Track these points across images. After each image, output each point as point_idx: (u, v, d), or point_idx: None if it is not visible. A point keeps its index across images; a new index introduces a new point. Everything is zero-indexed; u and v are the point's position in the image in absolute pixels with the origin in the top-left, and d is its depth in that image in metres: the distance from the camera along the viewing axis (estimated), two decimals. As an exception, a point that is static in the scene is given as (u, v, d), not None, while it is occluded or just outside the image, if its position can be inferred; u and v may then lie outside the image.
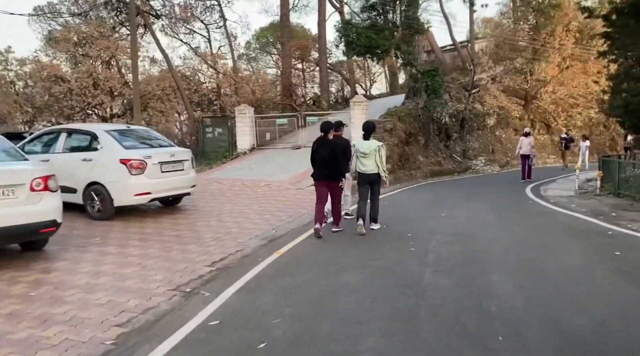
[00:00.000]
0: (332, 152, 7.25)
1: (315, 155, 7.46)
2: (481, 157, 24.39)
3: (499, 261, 5.71)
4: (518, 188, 14.25)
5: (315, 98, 26.81)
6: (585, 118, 30.43)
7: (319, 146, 7.44)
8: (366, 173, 7.45)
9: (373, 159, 7.36)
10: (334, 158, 7.26)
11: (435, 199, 11.75)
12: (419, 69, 20.30)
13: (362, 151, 7.43)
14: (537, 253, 6.04)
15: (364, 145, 7.45)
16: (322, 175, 7.42)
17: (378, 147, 7.39)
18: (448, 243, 6.64)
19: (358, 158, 7.50)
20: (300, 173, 13.72)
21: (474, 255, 6.01)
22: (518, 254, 6.00)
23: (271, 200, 10.64)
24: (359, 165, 7.51)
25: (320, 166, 7.41)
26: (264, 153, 17.32)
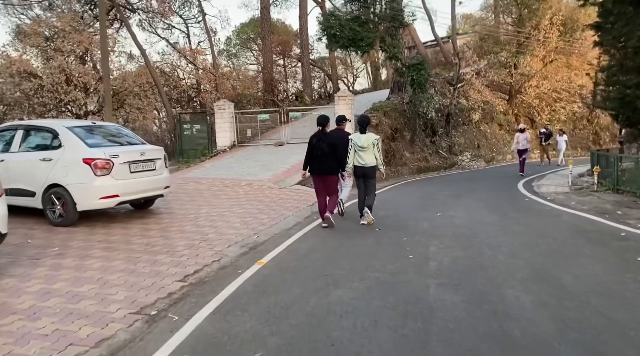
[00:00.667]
0: (332, 145, 7.39)
1: (315, 149, 7.46)
2: (467, 153, 23.98)
3: (509, 270, 5.09)
4: (510, 184, 13.76)
5: (298, 93, 26.06)
6: (569, 113, 30.31)
7: (318, 140, 7.46)
8: (364, 167, 7.57)
9: (371, 152, 7.49)
10: (334, 152, 7.41)
11: (426, 197, 11.15)
12: (404, 63, 19.70)
13: (359, 145, 7.49)
14: (550, 259, 5.44)
15: (362, 138, 7.51)
16: (319, 170, 7.54)
17: (375, 140, 7.51)
18: (448, 249, 6.01)
19: (356, 151, 7.55)
20: (283, 172, 13.00)
21: (480, 262, 5.38)
22: (528, 261, 5.39)
23: (253, 201, 9.90)
24: (357, 159, 7.57)
25: (319, 160, 7.47)
26: (245, 151, 16.54)
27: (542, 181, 14.21)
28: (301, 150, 16.20)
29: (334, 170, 7.53)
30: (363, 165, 7.56)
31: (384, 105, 20.09)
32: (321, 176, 7.53)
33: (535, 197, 10.65)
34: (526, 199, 10.27)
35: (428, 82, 19.26)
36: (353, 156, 7.58)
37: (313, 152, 7.50)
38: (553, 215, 8.07)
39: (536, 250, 5.81)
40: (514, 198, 10.73)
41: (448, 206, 9.55)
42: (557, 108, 30.21)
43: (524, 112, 29.12)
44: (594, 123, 30.26)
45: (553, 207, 8.93)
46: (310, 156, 7.58)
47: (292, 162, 14.02)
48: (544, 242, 6.23)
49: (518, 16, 25.91)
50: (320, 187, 7.63)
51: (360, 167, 7.59)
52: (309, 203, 9.89)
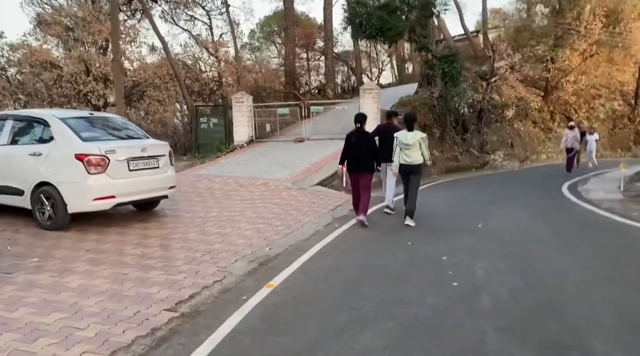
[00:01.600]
0: (368, 143, 7.54)
1: (352, 146, 7.52)
2: (499, 152, 22.52)
3: (589, 311, 3.96)
4: (552, 187, 12.45)
5: (321, 87, 24.99)
6: (608, 111, 28.48)
7: (356, 138, 7.52)
8: (410, 165, 7.45)
9: (417, 150, 7.40)
10: (371, 149, 7.57)
11: (461, 203, 10.00)
12: (435, 54, 18.43)
13: (405, 143, 7.39)
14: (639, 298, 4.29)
15: (408, 136, 7.41)
16: (356, 167, 7.55)
17: (422, 138, 7.42)
18: (501, 274, 4.90)
19: (402, 149, 7.45)
20: (302, 171, 11.99)
21: (547, 297, 4.26)
22: (612, 298, 4.24)
23: (268, 204, 8.92)
24: (403, 157, 7.47)
25: (356, 157, 7.50)
26: (263, 147, 15.59)
27: (588, 185, 12.85)
28: (322, 147, 15.21)
29: (370, 168, 7.57)
30: (409, 162, 7.43)
31: (412, 100, 18.88)
32: (357, 173, 7.56)
33: (586, 204, 9.38)
34: (578, 208, 9.01)
35: (461, 76, 17.95)
36: (399, 155, 7.48)
37: (351, 149, 7.55)
38: (619, 231, 6.84)
39: (617, 282, 4.64)
40: (563, 206, 9.48)
41: (489, 215, 8.38)
42: (595, 106, 28.42)
43: (560, 109, 27.42)
44: (636, 122, 28.34)
45: (614, 219, 7.67)
46: (347, 153, 7.63)
47: (312, 160, 12.99)
48: (623, 270, 5.04)
49: (557, 6, 24.24)
50: (355, 184, 7.68)
51: (406, 165, 7.45)
52: (330, 208, 8.86)
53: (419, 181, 7.72)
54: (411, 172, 7.50)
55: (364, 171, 7.51)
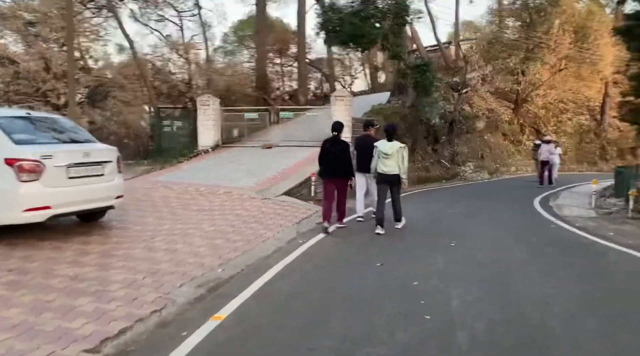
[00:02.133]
0: (343, 151, 7.69)
1: (328, 153, 7.68)
2: (470, 163, 22.46)
3: (575, 348, 3.50)
4: (524, 202, 12.22)
5: (292, 92, 24.44)
6: (575, 125, 28.94)
7: (331, 145, 7.71)
8: (387, 174, 7.56)
9: (395, 160, 7.48)
10: (345, 157, 7.71)
11: (433, 217, 9.57)
12: (407, 64, 18.17)
13: (384, 152, 7.49)
14: (630, 334, 3.85)
15: (387, 146, 7.52)
16: (331, 173, 7.71)
17: (401, 148, 7.52)
18: (478, 304, 4.40)
19: (380, 158, 7.57)
20: (269, 179, 11.38)
21: (528, 332, 3.77)
22: (598, 333, 3.79)
23: (228, 215, 8.26)
24: (380, 166, 7.58)
25: (331, 164, 7.66)
26: (229, 152, 14.90)
27: (560, 200, 12.67)
28: (291, 154, 14.62)
29: (347, 174, 7.76)
30: (386, 172, 7.55)
31: (384, 109, 18.56)
32: (333, 179, 7.70)
33: (560, 222, 9.08)
34: (553, 225, 8.68)
35: (433, 86, 17.72)
36: (376, 163, 7.61)
37: (326, 156, 7.71)
38: (597, 253, 6.47)
39: (603, 314, 4.20)
40: (537, 223, 9.16)
41: (462, 231, 7.95)
42: (563, 120, 28.84)
43: (530, 122, 27.69)
44: (602, 137, 28.86)
45: (590, 239, 7.34)
46: (323, 160, 7.79)
47: (280, 167, 12.40)
48: (607, 300, 4.62)
49: (528, 20, 24.44)
50: (330, 190, 7.72)
51: (384, 174, 7.57)
52: (295, 220, 8.28)
53: (399, 191, 7.92)
54: (389, 181, 7.62)
55: (339, 177, 7.70)
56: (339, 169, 7.65)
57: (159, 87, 28.76)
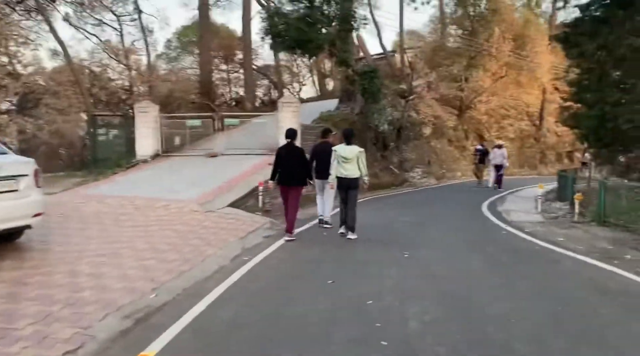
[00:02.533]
0: (299, 158, 7.62)
1: (283, 160, 7.60)
2: (418, 169, 22.59)
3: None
4: (473, 207, 12.23)
5: (238, 99, 23.77)
6: (516, 130, 29.95)
7: (287, 152, 7.64)
8: (347, 178, 7.61)
9: (355, 163, 7.57)
10: (302, 164, 7.65)
11: (384, 226, 9.28)
12: (355, 70, 18.02)
13: (343, 156, 7.57)
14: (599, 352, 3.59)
15: (346, 150, 7.62)
16: (287, 180, 7.61)
17: (360, 152, 7.63)
18: (438, 326, 4.04)
19: (339, 163, 7.61)
20: (213, 190, 10.73)
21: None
22: (569, 353, 3.53)
23: (166, 231, 7.59)
24: (340, 170, 7.62)
25: (287, 171, 7.59)
26: (170, 162, 14.07)
27: (506, 205, 12.79)
28: (237, 163, 14.00)
29: (302, 181, 7.70)
30: (346, 175, 7.60)
31: (333, 116, 18.30)
32: (288, 187, 7.63)
33: (510, 227, 9.02)
34: (504, 232, 8.58)
35: (380, 92, 17.66)
36: (336, 167, 7.63)
37: (281, 163, 7.63)
38: (552, 261, 6.31)
39: (569, 332, 3.95)
40: (489, 229, 9.06)
41: (415, 240, 7.69)
42: (505, 126, 29.78)
43: (474, 128, 28.35)
44: (541, 141, 30.03)
45: (542, 246, 7.23)
46: (279, 167, 7.67)
47: (225, 177, 11.77)
48: (571, 314, 4.38)
49: (470, 29, 25.07)
50: (285, 197, 7.72)
51: (344, 178, 7.62)
52: (241, 235, 7.73)
53: (357, 195, 7.88)
54: (348, 185, 7.65)
55: (295, 185, 7.64)
56: (295, 176, 7.60)
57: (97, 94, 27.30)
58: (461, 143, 27.55)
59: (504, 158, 17.23)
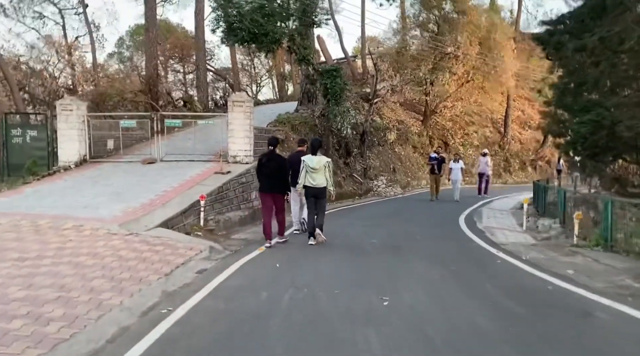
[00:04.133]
0: (280, 166, 7.85)
1: (264, 168, 7.82)
2: (382, 177, 21.13)
3: None
4: (451, 224, 10.78)
5: (187, 99, 21.64)
6: (481, 137, 29.13)
7: (268, 160, 7.83)
8: (314, 187, 7.74)
9: (322, 174, 7.70)
10: (282, 172, 7.85)
11: (352, 251, 7.59)
12: (316, 68, 16.37)
13: (311, 166, 7.69)
14: None
15: (314, 160, 7.75)
16: (268, 187, 7.82)
17: (327, 163, 7.80)
18: None
19: (307, 172, 7.71)
20: (143, 205, 8.75)
21: None
22: None
23: (62, 266, 5.62)
24: (308, 179, 7.73)
25: (268, 178, 7.80)
26: (97, 169, 11.91)
27: (485, 221, 11.41)
28: (179, 171, 11.90)
29: (283, 189, 7.93)
30: (314, 185, 7.73)
31: (291, 118, 16.54)
32: (271, 194, 7.80)
33: (503, 254, 7.48)
34: (498, 261, 7.00)
35: (344, 92, 16.07)
36: (304, 177, 7.74)
37: (262, 170, 7.86)
38: (579, 312, 4.64)
39: None
40: (478, 256, 7.52)
41: (392, 275, 6.04)
42: (470, 132, 28.92)
43: (438, 135, 27.29)
44: (505, 149, 29.34)
45: (554, 284, 5.63)
46: (260, 174, 7.97)
47: (160, 189, 9.79)
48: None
49: (436, 30, 23.96)
50: (268, 205, 7.84)
51: (312, 187, 7.76)
52: (165, 270, 5.85)
53: (325, 204, 8.14)
54: (316, 195, 7.79)
55: (276, 192, 7.82)
56: (276, 184, 7.77)
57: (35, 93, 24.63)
58: (426, 150, 26.35)
59: (487, 165, 17.54)
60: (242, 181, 11.33)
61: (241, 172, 11.36)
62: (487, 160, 17.57)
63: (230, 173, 11.09)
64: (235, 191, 10.94)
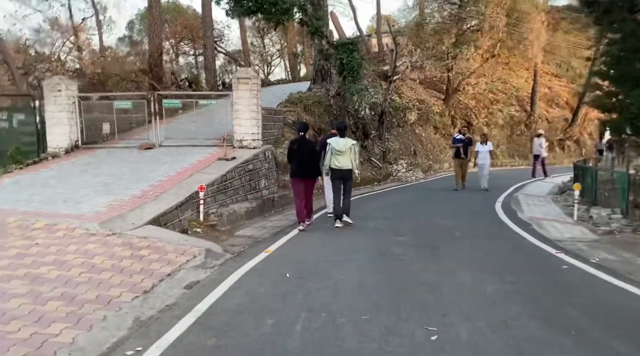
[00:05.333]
0: (310, 151, 7.88)
1: (296, 153, 7.85)
2: (402, 161, 19.67)
3: None
4: (489, 216, 9.38)
5: (193, 78, 20.33)
6: (506, 116, 27.36)
7: (299, 145, 7.86)
8: (340, 169, 7.77)
9: (348, 156, 7.74)
10: (313, 157, 7.90)
11: (376, 256, 6.25)
12: (331, 41, 14.89)
13: (337, 149, 7.69)
14: None
15: (340, 142, 7.75)
16: (299, 173, 7.87)
17: (353, 145, 7.86)
18: None
19: (333, 155, 7.71)
20: (132, 198, 7.53)
21: None
22: None
23: (15, 280, 4.41)
24: (334, 162, 7.73)
25: (299, 164, 7.84)
26: (90, 156, 10.73)
27: (527, 210, 9.98)
28: (178, 158, 10.34)
29: (314, 174, 8.00)
30: (339, 167, 7.74)
31: (304, 98, 15.10)
32: (302, 179, 7.84)
33: (564, 255, 6.10)
34: (564, 266, 5.62)
35: (362, 68, 14.58)
36: (330, 159, 7.73)
37: (294, 156, 7.91)
38: None
39: None
40: (534, 258, 6.13)
41: (435, 292, 4.69)
42: (494, 111, 27.16)
43: (461, 114, 25.61)
44: (532, 128, 27.53)
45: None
46: (291, 160, 8.03)
47: (155, 178, 8.57)
48: None
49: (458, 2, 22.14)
50: (300, 190, 7.84)
51: (337, 169, 7.77)
52: (146, 286, 4.61)
53: (351, 186, 8.19)
54: (342, 177, 7.81)
55: (308, 177, 7.88)
56: (308, 169, 7.83)
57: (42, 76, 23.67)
58: (448, 130, 24.75)
59: (541, 147, 17.06)
60: (249, 168, 10.05)
61: (248, 158, 10.07)
62: (542, 141, 17.15)
63: (235, 159, 9.81)
64: (242, 179, 9.67)
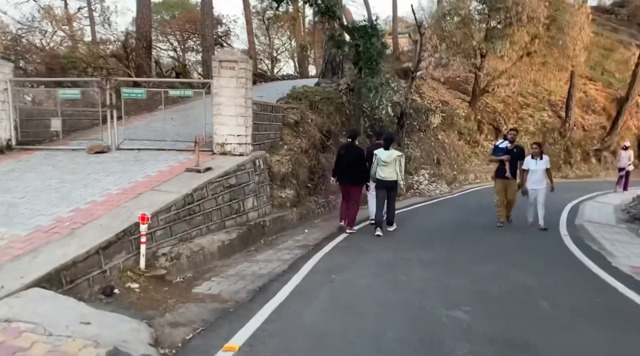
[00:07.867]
0: (357, 156, 8.20)
1: (343, 158, 8.22)
2: (424, 171, 16.84)
3: None
4: (571, 264, 6.54)
5: (181, 69, 17.62)
6: (537, 122, 24.40)
7: (347, 151, 8.26)
8: (384, 180, 7.94)
9: (392, 167, 7.91)
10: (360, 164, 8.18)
11: (418, 339, 3.46)
12: (345, 24, 12.12)
13: (382, 160, 7.89)
14: None
15: (385, 154, 7.92)
16: (345, 179, 8.28)
17: (398, 157, 7.97)
18: None
19: (378, 165, 7.93)
20: (40, 229, 4.82)
21: None
22: None
23: None
24: (379, 172, 7.95)
25: (345, 170, 8.20)
26: (18, 161, 8.04)
27: (621, 254, 7.09)
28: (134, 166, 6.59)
29: (358, 181, 8.21)
30: (383, 178, 7.92)
31: (309, 92, 12.25)
32: (347, 185, 8.25)
33: None
34: None
35: (382, 58, 11.80)
36: (376, 169, 7.95)
37: (342, 161, 8.23)
38: None
39: None
40: None
41: None
42: (524, 116, 24.24)
43: (488, 118, 22.71)
44: (567, 137, 24.56)
45: None
46: (338, 165, 8.31)
47: (88, 196, 5.87)
48: None
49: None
50: (345, 194, 8.29)
51: (382, 180, 7.93)
52: None
53: (395, 197, 8.44)
54: (386, 187, 8.00)
55: (353, 183, 8.19)
56: (354, 175, 8.11)
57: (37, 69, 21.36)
58: (473, 137, 21.90)
59: (629, 160, 16.03)
60: (231, 183, 7.30)
61: (229, 169, 7.34)
62: (631, 154, 16.22)
63: (210, 170, 7.08)
64: (218, 199, 6.91)
